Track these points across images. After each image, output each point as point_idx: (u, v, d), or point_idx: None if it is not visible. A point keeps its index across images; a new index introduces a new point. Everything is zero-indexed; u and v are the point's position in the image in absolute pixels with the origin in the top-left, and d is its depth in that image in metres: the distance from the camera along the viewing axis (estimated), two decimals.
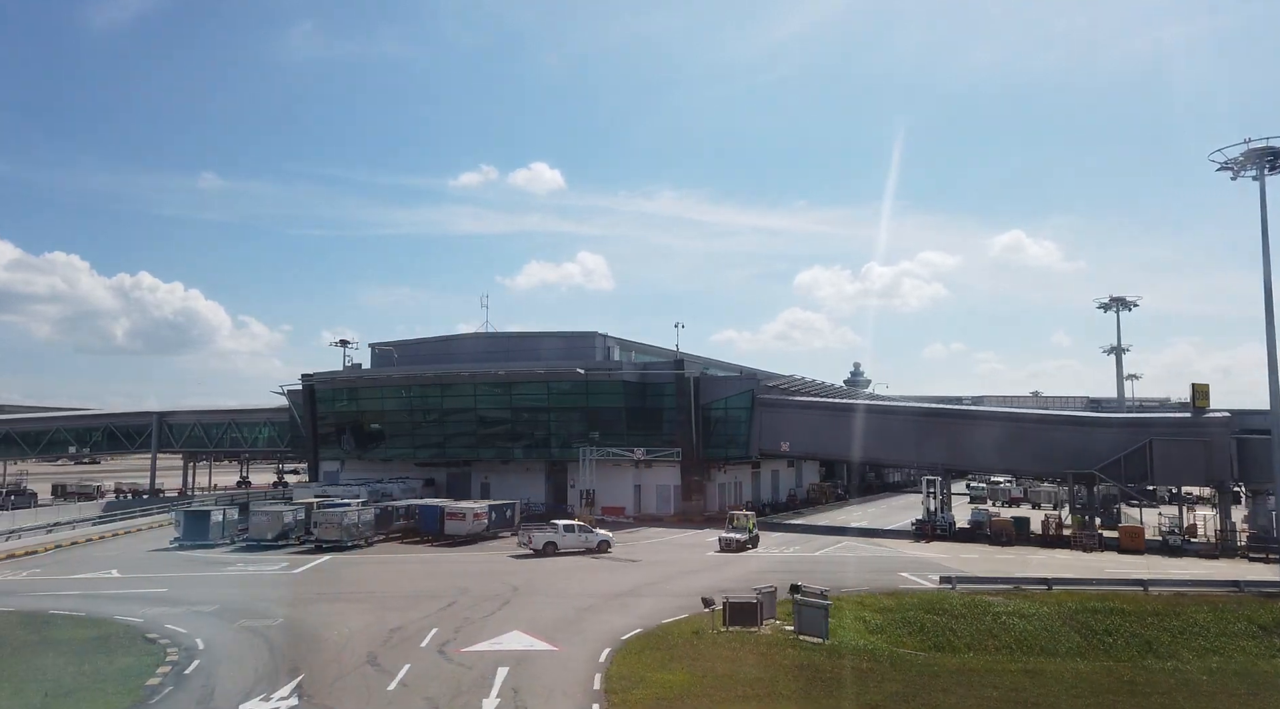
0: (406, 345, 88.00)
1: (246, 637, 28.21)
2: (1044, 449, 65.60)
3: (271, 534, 52.07)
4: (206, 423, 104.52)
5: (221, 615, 31.60)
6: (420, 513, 57.39)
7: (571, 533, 49.74)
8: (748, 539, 52.11)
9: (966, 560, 49.36)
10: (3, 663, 24.67)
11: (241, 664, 24.74)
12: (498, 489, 77.79)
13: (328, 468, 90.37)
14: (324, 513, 52.07)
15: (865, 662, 25.36)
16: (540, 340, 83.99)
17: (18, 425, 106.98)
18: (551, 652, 26.20)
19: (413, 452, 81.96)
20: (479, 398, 78.28)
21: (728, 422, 77.08)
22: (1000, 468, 77.72)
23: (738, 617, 29.39)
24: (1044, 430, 66.49)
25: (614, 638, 28.23)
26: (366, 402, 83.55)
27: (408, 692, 21.91)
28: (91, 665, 24.35)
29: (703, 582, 39.79)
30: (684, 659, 25.19)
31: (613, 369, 76.63)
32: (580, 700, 21.30)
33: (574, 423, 76.06)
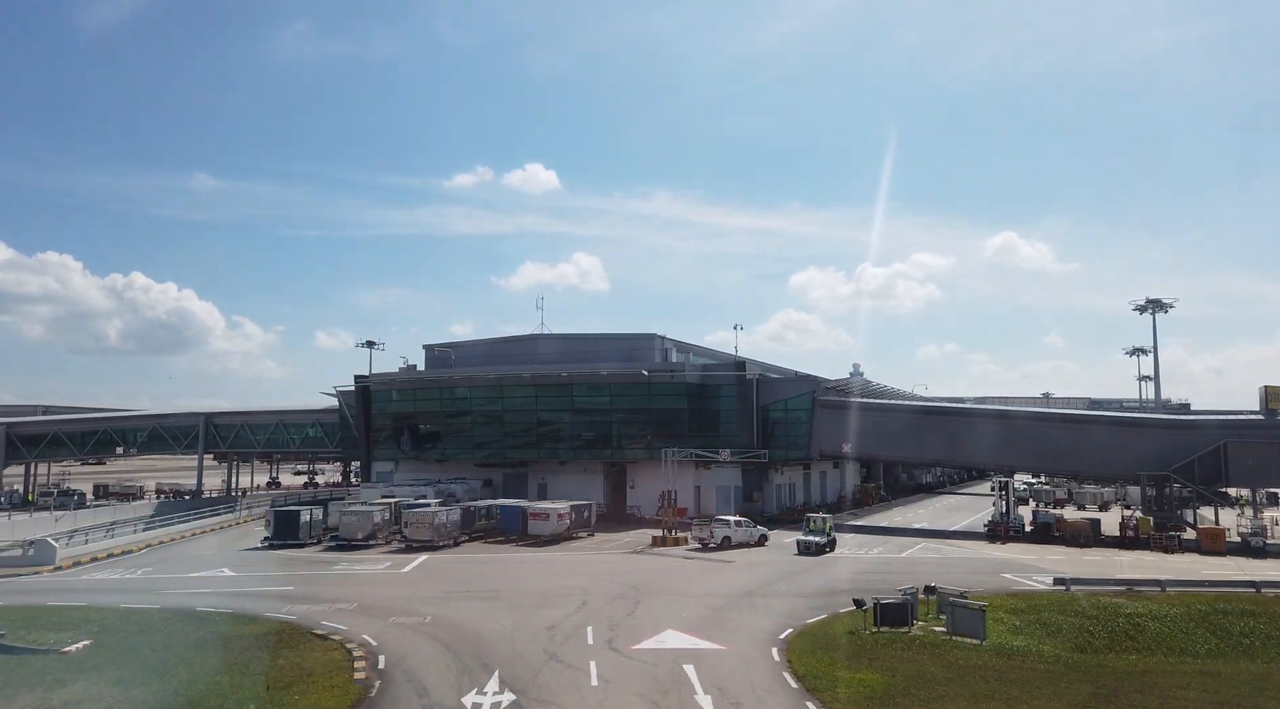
0: (461, 347, 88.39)
1: (410, 634, 28.58)
2: (1114, 452, 65.79)
3: (361, 534, 52.49)
4: (253, 424, 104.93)
5: (368, 613, 31.99)
6: (502, 513, 57.79)
7: (741, 527, 54.48)
8: (826, 542, 51.81)
9: (1055, 561, 49.53)
10: (200, 656, 25.05)
11: (427, 660, 25.11)
12: (555, 489, 78.15)
13: (380, 468, 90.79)
14: (414, 513, 52.46)
15: (1039, 663, 25.62)
16: (598, 342, 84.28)
17: (65, 426, 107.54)
18: (720, 650, 26.50)
19: (471, 452, 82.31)
20: (540, 399, 78.64)
21: (788, 423, 77.35)
22: (1065, 470, 77.94)
23: (888, 617, 29.70)
24: (1115, 433, 66.66)
25: (771, 637, 28.55)
26: (425, 403, 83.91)
27: (614, 688, 22.22)
28: (285, 660, 24.73)
29: (812, 582, 40.19)
30: (860, 659, 25.47)
31: (675, 371, 76.97)
32: (788, 700, 21.60)
33: (635, 424, 76.43)
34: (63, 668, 24.02)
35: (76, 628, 29.00)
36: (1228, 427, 63.10)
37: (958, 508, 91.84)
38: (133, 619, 30.60)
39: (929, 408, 77.87)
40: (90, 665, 24.24)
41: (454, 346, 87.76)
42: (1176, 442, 62.36)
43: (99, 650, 26.12)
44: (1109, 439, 66.41)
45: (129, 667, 23.97)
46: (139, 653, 25.73)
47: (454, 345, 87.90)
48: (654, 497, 77.59)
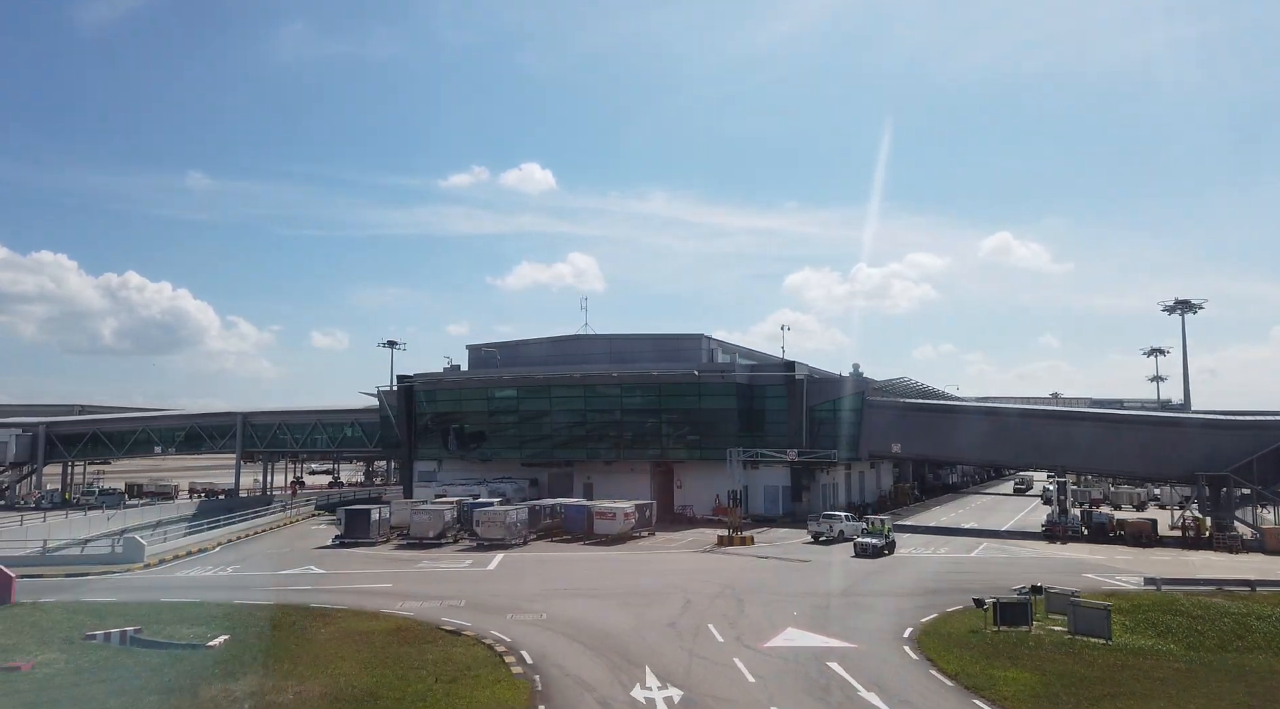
0: (505, 347, 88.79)
1: (536, 630, 28.87)
2: (1168, 451, 65.83)
3: (433, 532, 52.83)
4: (291, 423, 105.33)
5: (481, 609, 32.31)
6: (566, 512, 58.10)
7: (851, 522, 56.45)
8: (884, 545, 50.81)
9: (1126, 561, 49.69)
10: (345, 651, 25.34)
11: (571, 655, 25.39)
12: (601, 489, 78.31)
13: (423, 467, 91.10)
14: (486, 512, 52.76)
15: (1175, 662, 25.78)
16: (642, 342, 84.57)
17: (104, 426, 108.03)
18: (854, 649, 26.70)
19: (518, 452, 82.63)
20: (588, 399, 78.94)
21: (836, 423, 77.36)
22: (1117, 470, 77.73)
23: (1007, 616, 29.88)
24: (1173, 433, 66.72)
25: (894, 635, 28.79)
26: (471, 402, 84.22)
27: (773, 685, 22.46)
28: (432, 655, 25.01)
29: (901, 582, 40.46)
30: (1000, 657, 25.66)
31: (725, 371, 77.25)
32: (953, 698, 21.78)
33: (684, 424, 76.69)
34: (215, 661, 24.31)
35: (205, 623, 29.33)
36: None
37: (993, 508, 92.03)
38: (256, 615, 30.91)
39: (979, 408, 78.07)
40: (243, 659, 24.53)
41: (499, 346, 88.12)
42: (1235, 441, 62.38)
43: (239, 645, 26.42)
44: (1167, 439, 66.46)
45: (283, 660, 24.27)
46: (284, 648, 26.03)
47: (499, 345, 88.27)
48: (704, 496, 77.98)
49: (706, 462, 77.02)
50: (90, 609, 31.77)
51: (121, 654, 25.28)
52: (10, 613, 30.84)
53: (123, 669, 23.37)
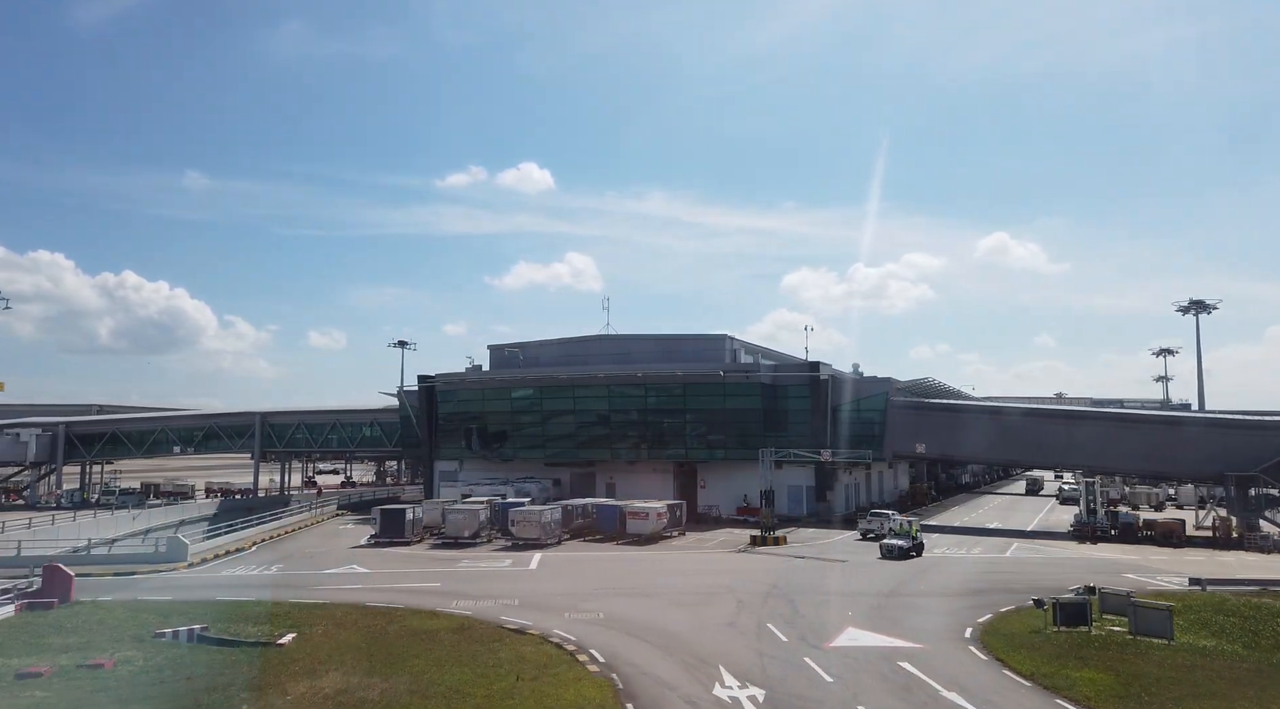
0: (527, 347, 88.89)
1: (598, 629, 29.02)
2: (1198, 451, 65.87)
3: (468, 532, 52.97)
4: (310, 423, 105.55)
5: (536, 608, 32.46)
6: (599, 512, 58.24)
7: (898, 519, 57.26)
8: (910, 546, 49.23)
9: (1162, 561, 49.79)
10: (416, 649, 25.47)
11: (638, 653, 25.52)
12: (623, 489, 78.43)
13: (444, 467, 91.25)
14: (522, 512, 52.91)
15: (1242, 662, 25.88)
16: (664, 343, 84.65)
17: (124, 425, 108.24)
18: (921, 649, 26.80)
19: (541, 452, 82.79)
20: (612, 399, 79.07)
21: (859, 423, 77.49)
22: (1146, 470, 77.76)
23: (1067, 617, 29.97)
24: (1205, 433, 66.75)
25: (956, 635, 28.93)
26: (494, 402, 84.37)
27: (852, 685, 22.57)
28: (504, 653, 25.14)
29: (946, 583, 40.54)
30: (1069, 657, 25.76)
31: (751, 371, 77.35)
32: (1036, 698, 21.88)
33: (709, 424, 76.81)
34: (290, 659, 24.45)
35: (267, 621, 29.49)
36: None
37: (1011, 508, 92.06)
38: (316, 613, 31.06)
39: (1004, 408, 78.10)
40: (316, 657, 24.67)
41: (521, 346, 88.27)
42: (1266, 441, 62.43)
43: (308, 643, 26.57)
44: (1198, 439, 66.50)
45: (358, 658, 24.40)
46: (353, 645, 26.18)
47: (521, 345, 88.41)
48: (727, 496, 78.10)
49: (730, 462, 77.25)
50: (150, 607, 31.95)
51: (196, 652, 25.43)
52: (73, 611, 31.01)
53: (201, 667, 23.52)
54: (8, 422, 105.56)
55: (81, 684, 21.79)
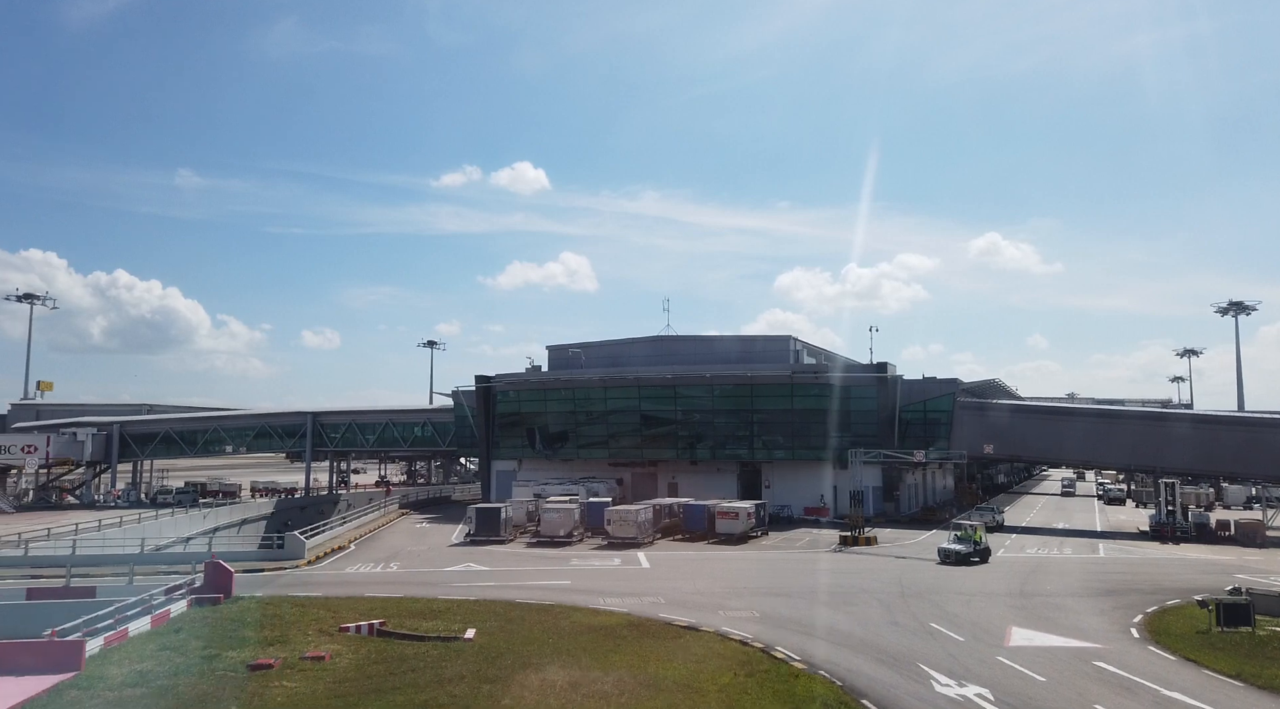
0: (589, 348, 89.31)
1: (765, 626, 29.23)
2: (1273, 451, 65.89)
3: (564, 531, 53.31)
4: (361, 423, 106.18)
5: (686, 607, 32.69)
6: (686, 512, 58.50)
7: None
8: (971, 551, 46.38)
9: (1258, 561, 49.88)
10: (609, 644, 25.74)
11: (826, 651, 25.73)
12: (686, 489, 78.62)
13: (501, 467, 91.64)
14: (618, 511, 53.23)
15: None
16: (725, 344, 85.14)
17: (176, 425, 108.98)
18: (1103, 649, 26.94)
19: (604, 452, 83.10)
20: (678, 400, 79.35)
21: (925, 424, 77.62)
22: (1222, 471, 77.59)
23: (1230, 617, 30.08)
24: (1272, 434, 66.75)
25: (1123, 635, 29.14)
26: (557, 402, 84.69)
27: (1064, 684, 22.72)
28: (699, 649, 25.39)
29: (1067, 583, 40.64)
30: (1258, 658, 25.86)
31: (820, 372, 77.58)
32: (1265, 700, 21.92)
33: (775, 425, 77.04)
34: (489, 652, 24.73)
35: (436, 617, 29.82)
36: None
37: (1060, 508, 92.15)
38: (475, 609, 31.37)
39: (1074, 410, 78.24)
40: (512, 650, 24.96)
41: (584, 347, 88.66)
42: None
43: (491, 638, 26.86)
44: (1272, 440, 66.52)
45: (557, 653, 24.68)
46: (537, 640, 26.50)
47: (584, 346, 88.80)
48: (794, 496, 78.16)
49: (796, 462, 77.56)
50: (309, 603, 32.31)
51: (392, 645, 25.75)
52: (240, 606, 31.40)
53: (414, 661, 23.83)
54: (63, 421, 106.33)
55: (319, 675, 22.15)
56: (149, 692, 20.52)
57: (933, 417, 77.49)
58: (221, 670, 22.55)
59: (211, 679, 21.77)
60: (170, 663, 23.14)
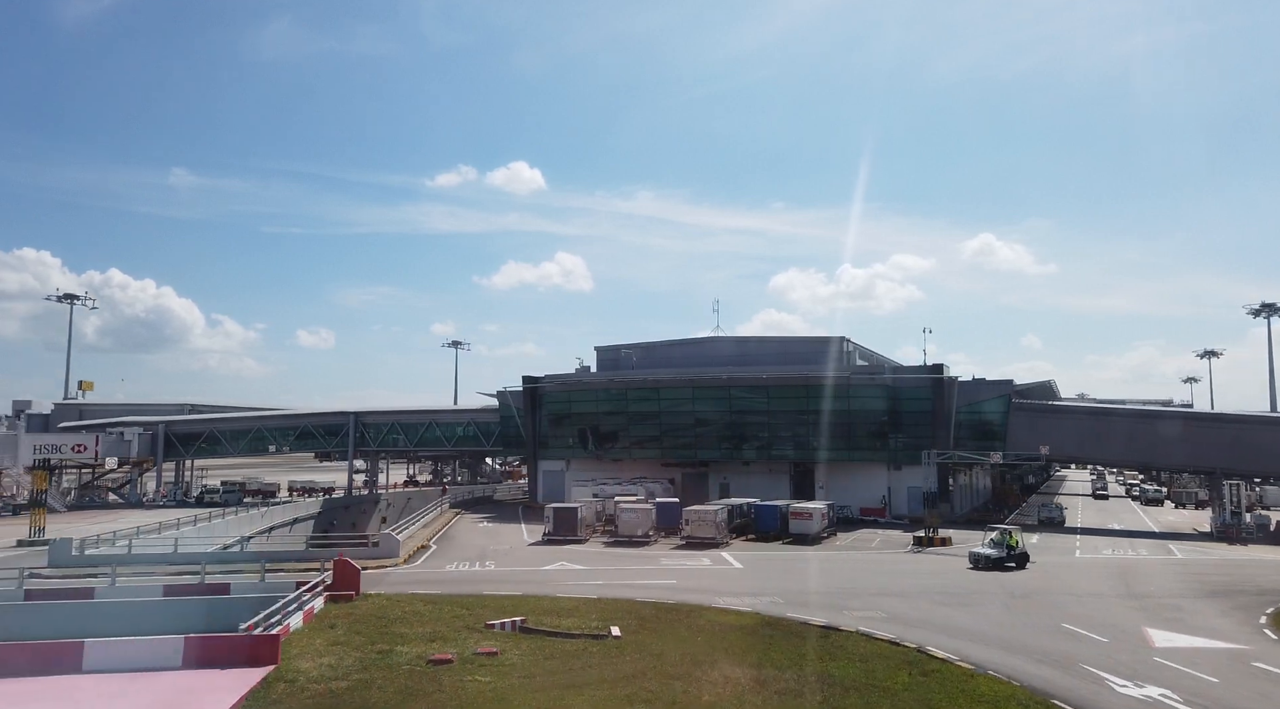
0: (639, 349, 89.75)
1: (902, 626, 29.42)
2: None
3: (640, 531, 53.66)
4: (404, 423, 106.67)
5: (809, 606, 32.91)
6: (758, 512, 58.78)
7: None
8: (1005, 556, 44.19)
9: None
10: (754, 643, 26.04)
11: (977, 651, 25.90)
12: (737, 490, 78.87)
13: (548, 467, 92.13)
14: (696, 512, 53.56)
15: None
16: (779, 344, 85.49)
17: (220, 424, 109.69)
18: (1252, 650, 27.10)
19: (656, 452, 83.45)
20: (732, 400, 79.66)
21: (979, 425, 77.75)
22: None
23: None
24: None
25: (1257, 635, 29.32)
26: (609, 403, 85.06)
27: (1241, 686, 22.89)
28: (858, 648, 25.67)
29: (1166, 584, 40.83)
30: None
31: (876, 373, 77.78)
32: None
33: (829, 425, 77.25)
34: (647, 650, 25.03)
35: (570, 615, 30.12)
36: None
37: (1103, 509, 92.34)
38: (601, 608, 31.60)
39: (1127, 411, 78.26)
40: (668, 647, 25.24)
41: (635, 348, 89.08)
42: None
43: (634, 635, 27.13)
44: None
45: (706, 648, 24.97)
46: (683, 638, 26.78)
47: (635, 347, 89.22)
48: (848, 497, 78.17)
49: (850, 462, 77.81)
50: (437, 600, 32.61)
51: (549, 642, 26.04)
52: (373, 603, 31.78)
53: (586, 657, 24.13)
54: (108, 420, 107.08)
55: (501, 669, 22.46)
56: (351, 685, 20.87)
57: (987, 418, 77.62)
58: (405, 665, 22.88)
59: (401, 673, 22.10)
60: (349, 657, 23.49)
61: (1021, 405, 76.97)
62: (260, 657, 21.26)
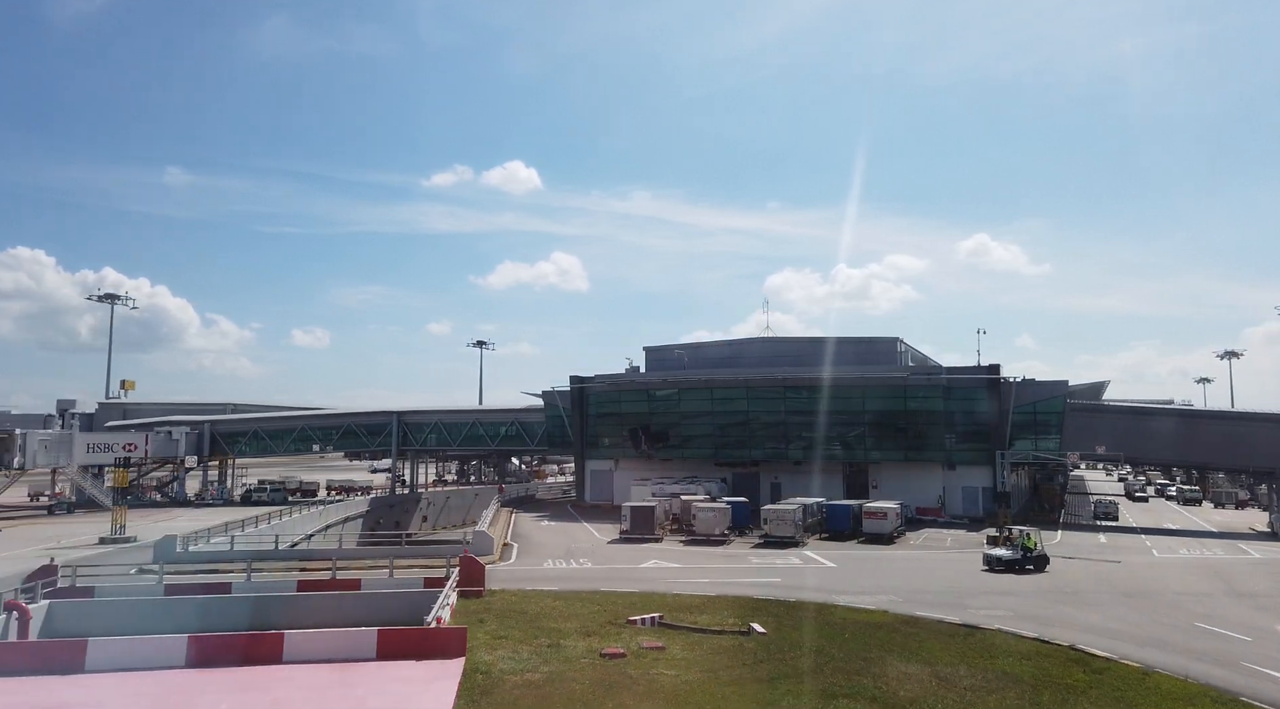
0: (690, 348, 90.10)
1: (1044, 627, 29.51)
2: None
3: (718, 530, 53.96)
4: (448, 423, 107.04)
5: (932, 605, 33.07)
6: (829, 511, 58.98)
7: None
8: (1018, 558, 43.27)
9: None
10: (895, 640, 26.28)
11: (1152, 654, 25.95)
12: (789, 489, 79.00)
13: (596, 467, 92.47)
14: (775, 511, 53.85)
15: None
16: (828, 345, 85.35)
17: (266, 424, 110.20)
18: None
19: (709, 452, 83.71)
20: (787, 400, 79.86)
21: (1035, 425, 77.78)
22: None
23: None
24: None
25: None
26: (658, 402, 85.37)
27: None
28: (1023, 649, 25.87)
29: (1265, 585, 40.69)
30: None
31: (932, 374, 77.87)
32: None
33: (885, 426, 77.49)
34: (796, 646, 25.27)
35: (701, 612, 30.39)
36: None
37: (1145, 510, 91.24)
38: (732, 606, 31.85)
39: (1178, 411, 78.28)
40: (820, 645, 25.50)
41: (687, 348, 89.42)
42: None
43: (783, 632, 27.39)
44: None
45: (868, 647, 25.21)
46: (837, 638, 26.97)
47: (687, 347, 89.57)
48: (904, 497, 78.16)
49: (903, 463, 77.95)
50: (565, 596, 32.99)
51: (704, 639, 26.32)
52: (502, 599, 32.12)
53: (752, 653, 24.40)
54: (154, 420, 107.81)
55: (678, 663, 22.75)
56: (544, 678, 21.17)
57: (1044, 418, 77.57)
58: (581, 658, 23.19)
59: (582, 666, 22.40)
60: (522, 650, 23.80)
61: (1076, 406, 76.95)
62: (449, 649, 21.58)
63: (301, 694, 18.47)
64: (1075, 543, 56.86)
